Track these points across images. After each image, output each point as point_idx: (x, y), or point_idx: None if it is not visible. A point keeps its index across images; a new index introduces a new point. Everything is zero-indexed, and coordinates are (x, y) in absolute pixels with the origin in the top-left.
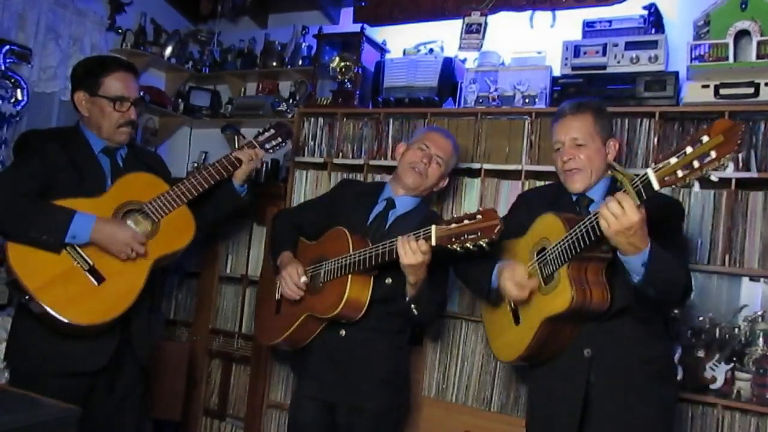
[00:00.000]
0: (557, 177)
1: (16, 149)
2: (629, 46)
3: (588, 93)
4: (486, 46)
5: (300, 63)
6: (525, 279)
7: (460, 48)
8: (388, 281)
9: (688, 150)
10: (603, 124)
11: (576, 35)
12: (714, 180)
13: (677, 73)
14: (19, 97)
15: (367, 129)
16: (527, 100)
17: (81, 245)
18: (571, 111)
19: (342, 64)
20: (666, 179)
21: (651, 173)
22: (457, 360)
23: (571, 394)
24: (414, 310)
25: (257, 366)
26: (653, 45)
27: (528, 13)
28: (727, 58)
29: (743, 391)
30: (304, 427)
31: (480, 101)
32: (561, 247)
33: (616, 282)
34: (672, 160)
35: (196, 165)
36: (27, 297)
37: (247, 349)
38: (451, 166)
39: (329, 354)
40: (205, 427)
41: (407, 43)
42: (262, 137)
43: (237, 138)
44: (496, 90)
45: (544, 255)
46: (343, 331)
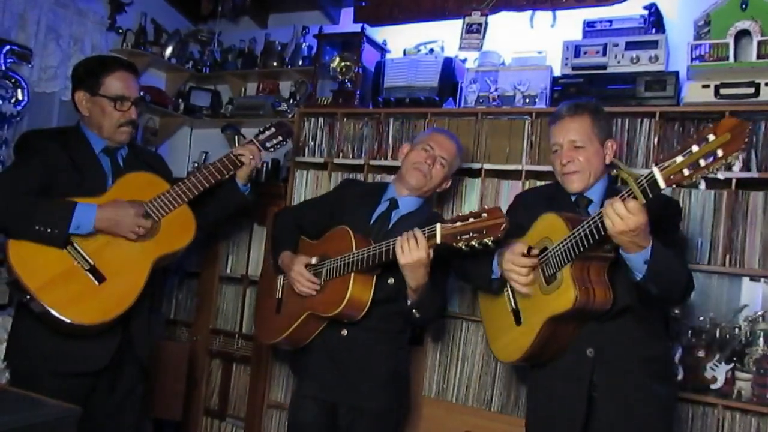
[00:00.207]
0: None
1: (16, 149)
2: (629, 46)
3: (588, 93)
4: (486, 46)
5: (300, 63)
6: (524, 249)
7: (460, 48)
8: (390, 281)
9: (694, 148)
10: (601, 125)
11: (576, 35)
12: (721, 178)
13: (677, 73)
14: (20, 97)
15: (368, 129)
16: (527, 100)
17: (85, 236)
18: (569, 113)
19: (342, 64)
20: (672, 178)
21: (657, 172)
22: (458, 360)
23: (574, 394)
24: (416, 313)
25: (257, 366)
26: (653, 45)
27: (528, 13)
28: (728, 58)
29: (744, 391)
30: (304, 427)
31: (480, 101)
32: (564, 247)
33: (617, 281)
34: (678, 158)
35: (196, 165)
36: (28, 296)
37: (248, 349)
38: (455, 167)
39: (329, 354)
40: (206, 427)
41: (407, 43)
42: (262, 136)
43: (237, 138)
44: (496, 90)
45: (546, 255)
46: (345, 331)
